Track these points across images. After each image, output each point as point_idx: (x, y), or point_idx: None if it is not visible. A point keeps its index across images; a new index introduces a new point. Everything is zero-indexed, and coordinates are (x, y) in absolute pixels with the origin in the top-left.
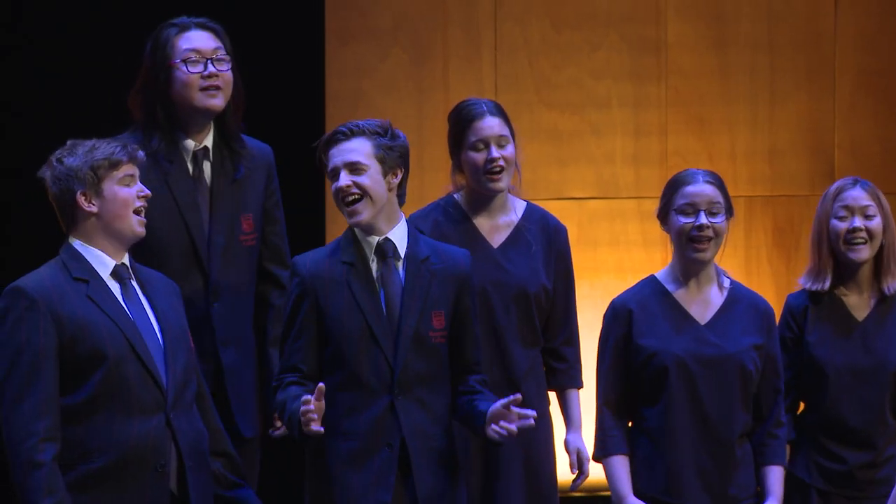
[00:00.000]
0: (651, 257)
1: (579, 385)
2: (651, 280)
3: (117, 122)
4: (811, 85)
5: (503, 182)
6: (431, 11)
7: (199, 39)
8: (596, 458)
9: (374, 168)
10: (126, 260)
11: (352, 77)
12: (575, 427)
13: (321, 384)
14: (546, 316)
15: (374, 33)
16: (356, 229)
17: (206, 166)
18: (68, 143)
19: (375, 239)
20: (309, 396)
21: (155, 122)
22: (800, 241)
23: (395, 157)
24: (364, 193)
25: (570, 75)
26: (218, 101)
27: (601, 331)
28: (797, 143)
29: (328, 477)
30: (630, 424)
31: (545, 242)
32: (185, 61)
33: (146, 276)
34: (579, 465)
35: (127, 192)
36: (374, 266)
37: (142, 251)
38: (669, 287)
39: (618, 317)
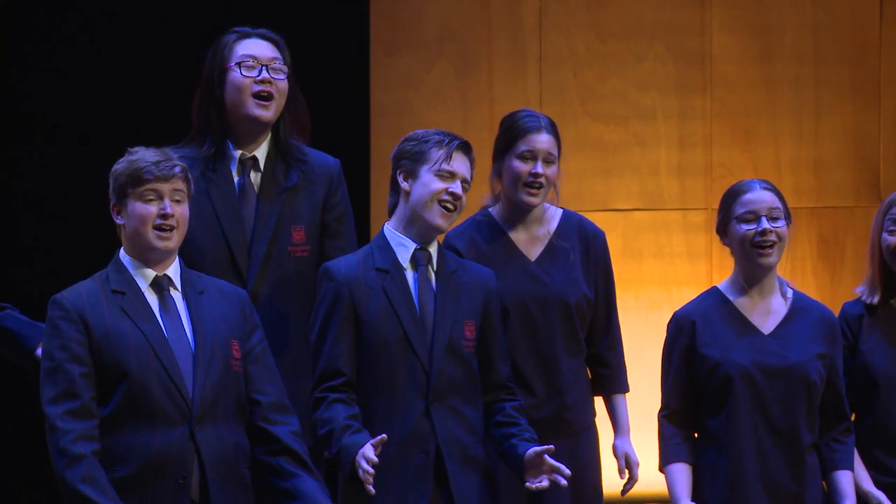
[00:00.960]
0: (695, 269)
1: (625, 389)
2: (713, 291)
3: (183, 134)
4: (856, 96)
5: (538, 198)
6: (477, 23)
7: (257, 47)
8: (659, 469)
9: (465, 197)
10: (171, 270)
11: (397, 88)
12: (623, 432)
13: (385, 436)
14: (588, 323)
15: (420, 45)
16: (389, 235)
17: (255, 176)
18: (130, 149)
19: (412, 247)
20: (370, 453)
21: (208, 128)
22: (845, 252)
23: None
24: (461, 209)
25: (615, 87)
26: (268, 114)
27: (665, 342)
28: (842, 154)
29: (363, 484)
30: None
31: (583, 250)
32: (240, 65)
33: (206, 286)
34: (628, 469)
35: (143, 210)
36: (408, 273)
37: (181, 257)
38: (731, 297)
39: (681, 328)
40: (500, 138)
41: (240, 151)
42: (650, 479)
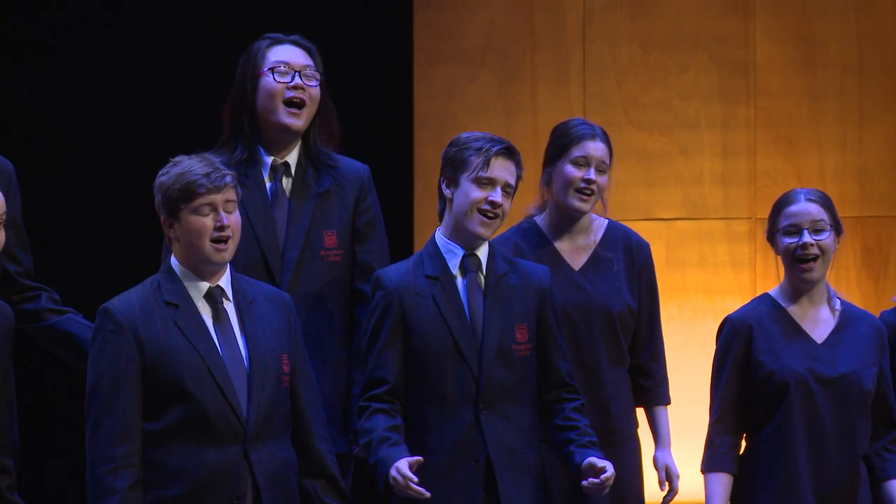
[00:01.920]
0: (739, 278)
1: (667, 401)
2: (765, 297)
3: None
4: None
5: (588, 205)
6: (520, 33)
7: (290, 53)
8: (701, 471)
9: (510, 201)
10: (224, 281)
11: (440, 98)
12: (664, 443)
13: (420, 458)
14: (631, 334)
15: (463, 55)
16: (440, 242)
17: (287, 182)
18: (173, 159)
19: (461, 254)
20: (406, 470)
21: (240, 134)
22: (888, 261)
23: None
24: (502, 215)
25: (658, 96)
26: (298, 122)
27: (718, 347)
28: (886, 163)
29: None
30: (744, 443)
31: (627, 260)
32: (272, 70)
33: (254, 294)
34: (668, 481)
35: (199, 224)
36: (458, 280)
37: None
38: (783, 304)
39: (737, 333)
40: (552, 145)
41: (271, 157)
42: (691, 489)
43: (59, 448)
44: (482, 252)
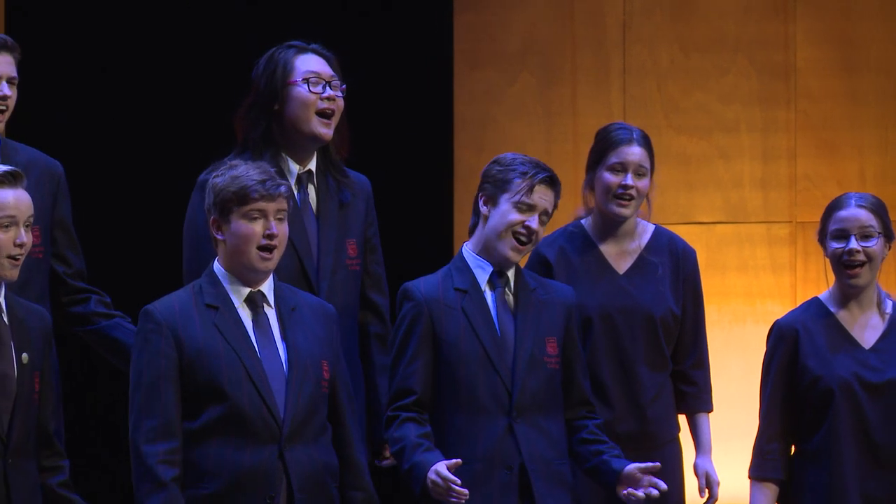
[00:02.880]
0: (779, 282)
1: (709, 409)
2: (815, 302)
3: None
4: None
5: (628, 210)
6: (560, 36)
7: (317, 63)
8: (749, 477)
9: (543, 228)
10: (266, 287)
11: (480, 102)
12: (704, 451)
13: (460, 460)
14: (675, 340)
15: (503, 58)
16: (468, 257)
17: (311, 190)
18: (228, 162)
19: (490, 270)
20: (446, 471)
21: (266, 143)
22: None
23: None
24: (536, 241)
25: (698, 100)
26: (329, 132)
27: (766, 352)
28: None
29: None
30: (793, 448)
31: (673, 265)
32: (306, 80)
33: (297, 302)
34: (708, 488)
35: (248, 229)
36: (486, 294)
37: None
38: (832, 309)
39: (784, 337)
40: (592, 150)
41: (297, 166)
42: (732, 492)
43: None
44: (510, 270)
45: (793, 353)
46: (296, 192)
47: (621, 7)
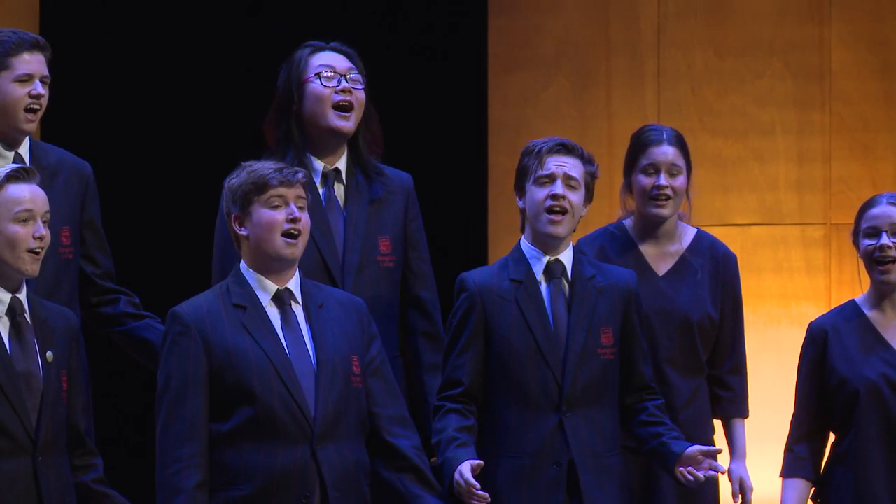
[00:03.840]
0: (814, 284)
1: (745, 414)
2: (850, 304)
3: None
4: None
5: (667, 210)
6: (594, 39)
7: (332, 58)
8: (780, 476)
9: (582, 191)
10: (293, 284)
11: (515, 105)
12: (739, 456)
13: (482, 462)
14: (712, 344)
15: (537, 62)
16: (525, 248)
17: (339, 188)
18: (242, 164)
19: (546, 259)
20: (469, 475)
21: (287, 142)
22: None
23: (592, 188)
24: (570, 210)
25: (733, 103)
26: (348, 124)
27: (800, 353)
28: None
29: (494, 495)
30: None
31: (712, 270)
32: (318, 75)
33: (324, 298)
34: (742, 494)
35: (271, 215)
36: (541, 285)
37: None
38: (866, 311)
39: (814, 339)
40: (627, 154)
41: (322, 164)
42: (767, 494)
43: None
44: (566, 257)
45: (822, 354)
46: (321, 190)
47: (656, 11)
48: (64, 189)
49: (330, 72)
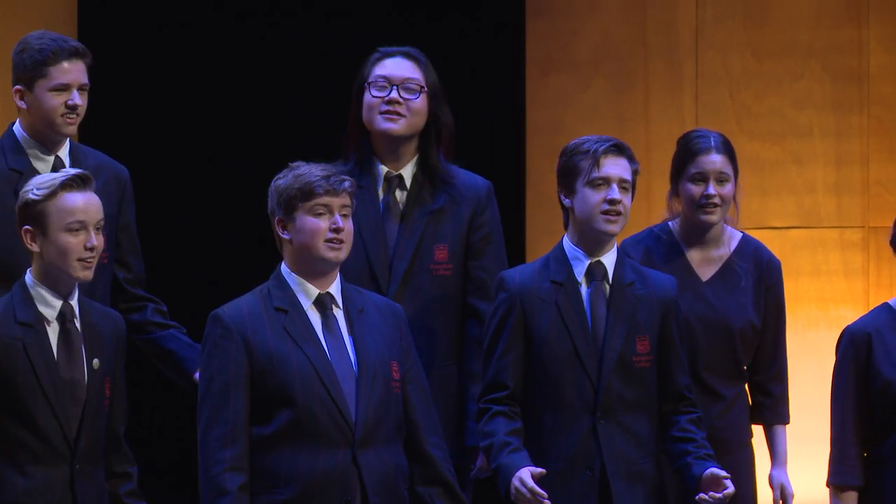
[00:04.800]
0: (852, 287)
1: (786, 420)
2: (885, 307)
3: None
4: None
5: (716, 216)
6: (632, 42)
7: (393, 67)
8: (828, 485)
9: (630, 192)
10: (334, 288)
11: (552, 107)
12: (780, 462)
13: (543, 469)
14: (753, 351)
15: (575, 64)
16: (567, 248)
17: (401, 194)
18: (290, 165)
19: (588, 260)
20: (531, 482)
21: (355, 146)
22: None
23: (636, 185)
24: (624, 212)
25: (771, 105)
26: (394, 126)
27: (836, 358)
28: None
29: None
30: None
31: (756, 276)
32: (371, 84)
33: (364, 303)
34: (783, 500)
35: (315, 223)
36: (582, 288)
37: None
38: None
39: (855, 343)
40: (674, 159)
41: (385, 169)
42: (807, 497)
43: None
44: (609, 259)
45: (866, 357)
46: (381, 195)
47: (693, 14)
48: (102, 193)
49: (383, 81)
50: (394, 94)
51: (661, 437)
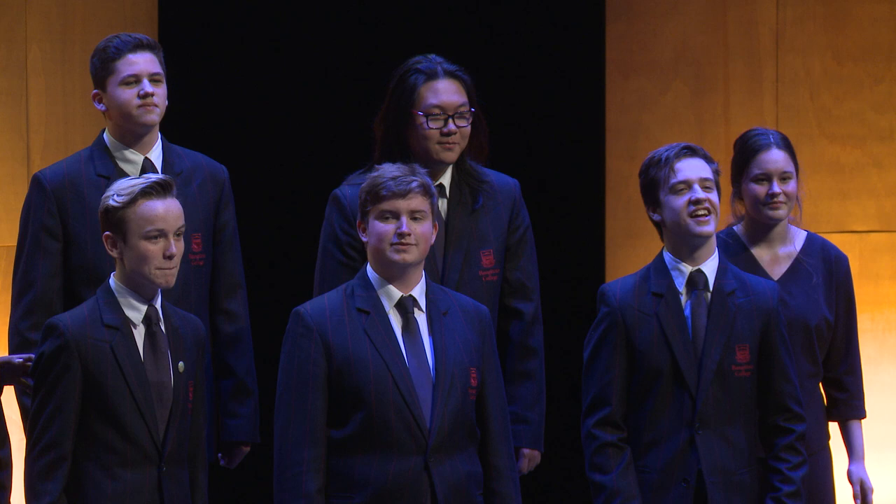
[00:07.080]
0: None
1: (862, 415)
2: None
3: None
4: None
5: (783, 211)
6: (712, 45)
7: (445, 93)
8: None
9: (715, 190)
10: (417, 290)
11: (632, 110)
12: (858, 458)
13: None
14: (827, 347)
15: (655, 66)
16: (667, 259)
17: (442, 203)
18: (376, 166)
19: (688, 269)
20: None
21: (399, 154)
22: None
23: (719, 184)
24: (713, 210)
25: (851, 108)
26: (453, 156)
27: None
28: None
29: None
30: None
31: (826, 273)
32: (427, 115)
33: (449, 305)
34: (863, 496)
35: (382, 228)
36: (682, 297)
37: None
38: None
39: None
40: (734, 161)
41: None
42: (887, 502)
43: None
44: (709, 267)
45: None
46: None
47: (774, 16)
48: (198, 195)
49: (438, 111)
50: (451, 127)
51: (760, 447)
